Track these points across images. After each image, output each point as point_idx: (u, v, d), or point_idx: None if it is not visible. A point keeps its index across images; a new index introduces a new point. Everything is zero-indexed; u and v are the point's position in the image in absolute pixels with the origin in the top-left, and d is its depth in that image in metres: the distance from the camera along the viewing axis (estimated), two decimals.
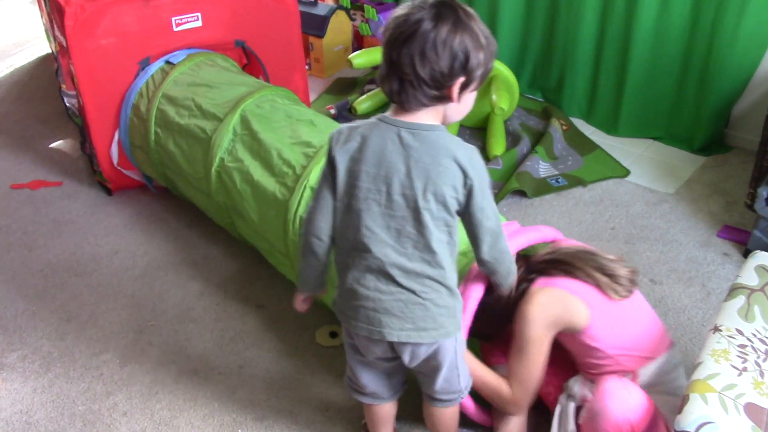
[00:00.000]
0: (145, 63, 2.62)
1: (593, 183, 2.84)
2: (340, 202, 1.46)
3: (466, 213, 1.44)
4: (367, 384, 1.66)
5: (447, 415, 1.69)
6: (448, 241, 1.45)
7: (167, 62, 2.64)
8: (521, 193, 2.75)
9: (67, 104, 3.23)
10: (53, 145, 3.16)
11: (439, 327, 1.49)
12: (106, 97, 2.62)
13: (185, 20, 2.64)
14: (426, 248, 1.43)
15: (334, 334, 2.17)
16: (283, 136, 2.23)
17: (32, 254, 2.54)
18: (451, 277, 1.48)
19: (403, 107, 1.40)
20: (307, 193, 2.04)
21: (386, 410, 1.75)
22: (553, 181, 2.83)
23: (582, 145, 3.08)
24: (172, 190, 2.69)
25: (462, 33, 1.34)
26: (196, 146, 2.40)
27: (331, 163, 1.45)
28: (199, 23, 2.67)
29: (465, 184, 1.41)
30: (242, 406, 1.97)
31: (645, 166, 2.95)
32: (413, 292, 1.45)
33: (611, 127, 3.17)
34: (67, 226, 2.67)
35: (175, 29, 2.64)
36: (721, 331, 1.55)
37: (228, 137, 2.32)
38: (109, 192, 2.81)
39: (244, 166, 2.22)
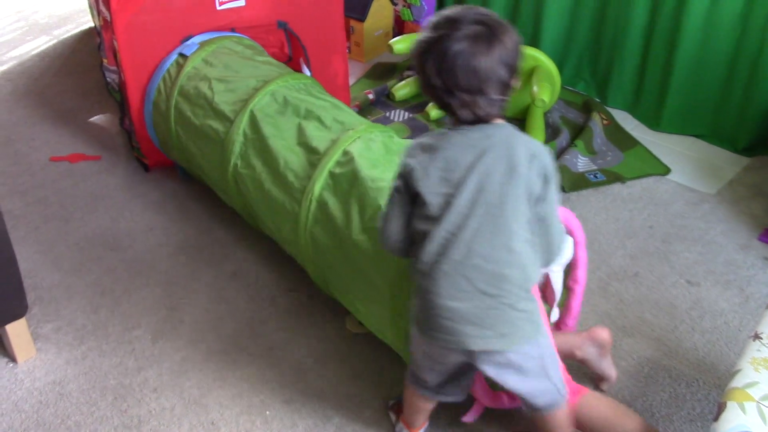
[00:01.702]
0: (186, 41, 2.62)
1: (632, 180, 2.79)
2: (417, 211, 1.46)
3: (540, 203, 1.44)
4: (431, 380, 1.63)
5: (556, 420, 1.64)
6: (530, 240, 1.43)
7: (181, 54, 2.59)
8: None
9: (108, 79, 3.25)
10: (93, 119, 3.18)
11: (518, 331, 1.46)
12: (147, 73, 2.62)
13: None
14: (505, 247, 1.41)
15: None
16: (290, 140, 2.18)
17: (69, 227, 2.56)
18: (532, 279, 1.46)
19: (483, 121, 1.41)
20: (314, 206, 2.02)
21: (431, 403, 1.73)
22: (592, 176, 2.79)
23: (622, 140, 3.03)
24: (201, 182, 2.70)
25: (512, 31, 1.39)
26: (212, 148, 2.38)
27: (403, 178, 1.46)
28: (242, 2, 2.66)
29: (540, 173, 1.41)
30: (271, 388, 1.98)
31: (686, 164, 2.90)
32: (491, 296, 1.42)
33: (655, 122, 3.12)
34: (103, 201, 2.69)
35: (218, 7, 2.64)
36: (761, 339, 1.51)
37: (239, 141, 2.28)
38: (146, 168, 2.83)
39: (256, 173, 2.21)
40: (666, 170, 2.86)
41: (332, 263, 2.03)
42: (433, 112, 3.14)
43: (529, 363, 1.51)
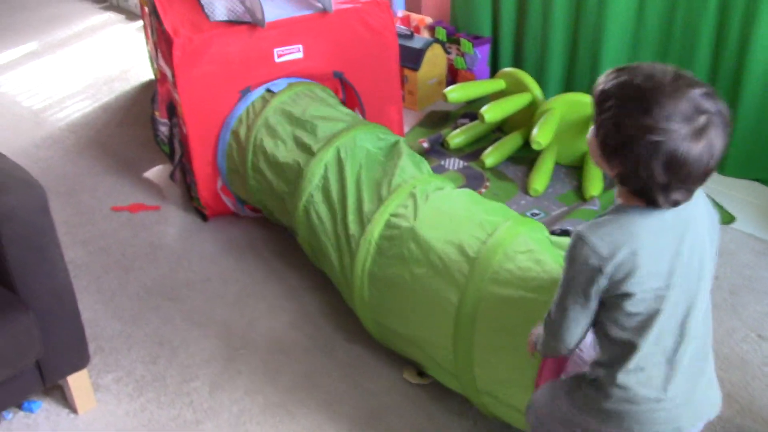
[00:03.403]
0: (246, 92, 2.67)
1: None
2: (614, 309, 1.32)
3: None
4: None
5: None
6: None
7: (268, 90, 2.68)
8: None
9: (158, 132, 3.31)
10: (152, 169, 3.24)
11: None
12: (207, 124, 2.67)
13: (287, 51, 2.68)
14: (708, 320, 1.38)
15: (422, 372, 2.13)
16: (361, 186, 2.24)
17: (129, 276, 2.60)
18: None
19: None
20: (373, 249, 2.07)
21: None
22: None
23: None
24: (268, 216, 2.72)
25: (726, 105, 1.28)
26: (290, 178, 2.42)
27: (596, 276, 1.29)
28: (300, 55, 2.70)
29: (717, 238, 1.37)
30: None
31: (751, 212, 2.81)
32: (701, 373, 1.39)
33: (720, 167, 3.05)
34: (162, 250, 2.72)
35: (276, 60, 2.68)
36: None
37: (319, 174, 2.33)
38: (204, 218, 2.86)
39: (331, 207, 2.26)
40: (730, 218, 2.78)
41: (391, 307, 2.05)
42: (488, 160, 3.12)
43: None
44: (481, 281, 1.82)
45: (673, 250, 1.28)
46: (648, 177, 1.21)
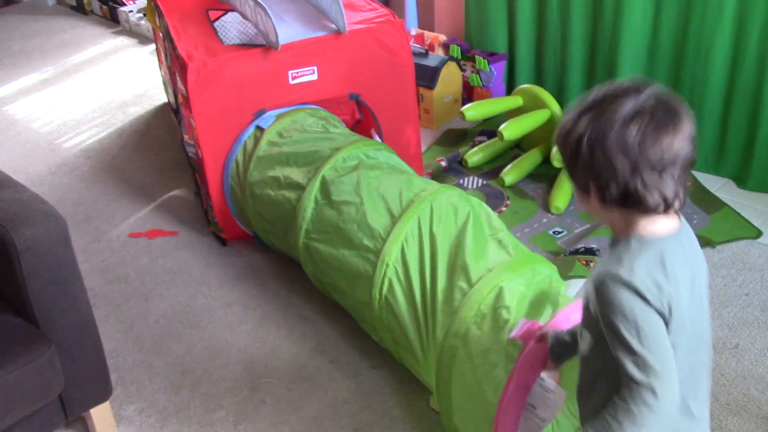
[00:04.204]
0: (259, 114, 2.65)
1: (722, 244, 2.67)
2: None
3: None
4: None
5: None
6: None
7: (258, 127, 2.64)
8: None
9: (189, 154, 3.30)
10: (170, 194, 3.22)
11: None
12: (222, 147, 2.65)
13: (301, 74, 2.65)
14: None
15: None
16: (367, 198, 2.22)
17: (149, 304, 2.57)
18: None
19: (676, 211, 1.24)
20: (390, 270, 2.04)
21: None
22: None
23: (707, 202, 2.92)
24: (278, 253, 2.70)
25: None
26: (285, 216, 2.42)
27: (659, 312, 1.20)
28: (314, 77, 2.68)
29: None
30: None
31: None
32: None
33: (740, 180, 3.00)
34: (182, 276, 2.69)
35: (291, 82, 2.66)
36: None
37: (310, 207, 2.32)
38: (223, 242, 2.83)
39: (329, 237, 2.24)
40: (757, 233, 2.73)
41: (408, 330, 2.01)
42: (508, 178, 3.08)
43: None
44: (455, 337, 1.82)
45: (689, 278, 1.23)
46: (620, 170, 1.16)
